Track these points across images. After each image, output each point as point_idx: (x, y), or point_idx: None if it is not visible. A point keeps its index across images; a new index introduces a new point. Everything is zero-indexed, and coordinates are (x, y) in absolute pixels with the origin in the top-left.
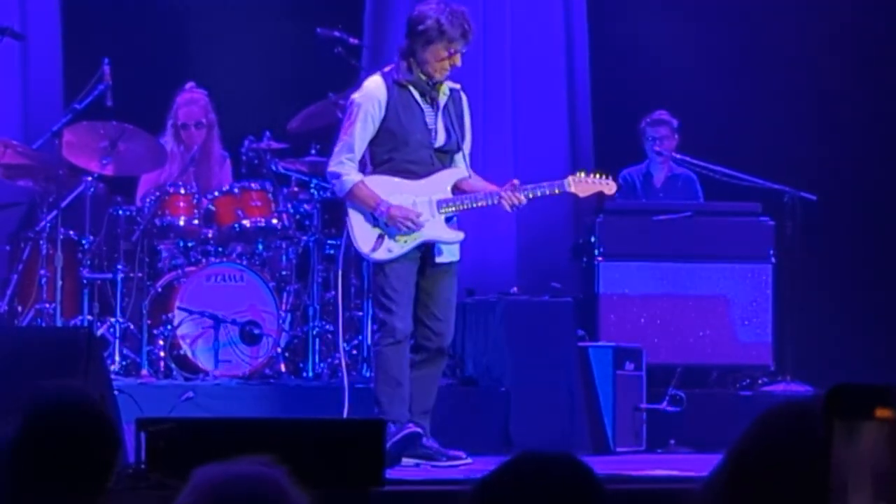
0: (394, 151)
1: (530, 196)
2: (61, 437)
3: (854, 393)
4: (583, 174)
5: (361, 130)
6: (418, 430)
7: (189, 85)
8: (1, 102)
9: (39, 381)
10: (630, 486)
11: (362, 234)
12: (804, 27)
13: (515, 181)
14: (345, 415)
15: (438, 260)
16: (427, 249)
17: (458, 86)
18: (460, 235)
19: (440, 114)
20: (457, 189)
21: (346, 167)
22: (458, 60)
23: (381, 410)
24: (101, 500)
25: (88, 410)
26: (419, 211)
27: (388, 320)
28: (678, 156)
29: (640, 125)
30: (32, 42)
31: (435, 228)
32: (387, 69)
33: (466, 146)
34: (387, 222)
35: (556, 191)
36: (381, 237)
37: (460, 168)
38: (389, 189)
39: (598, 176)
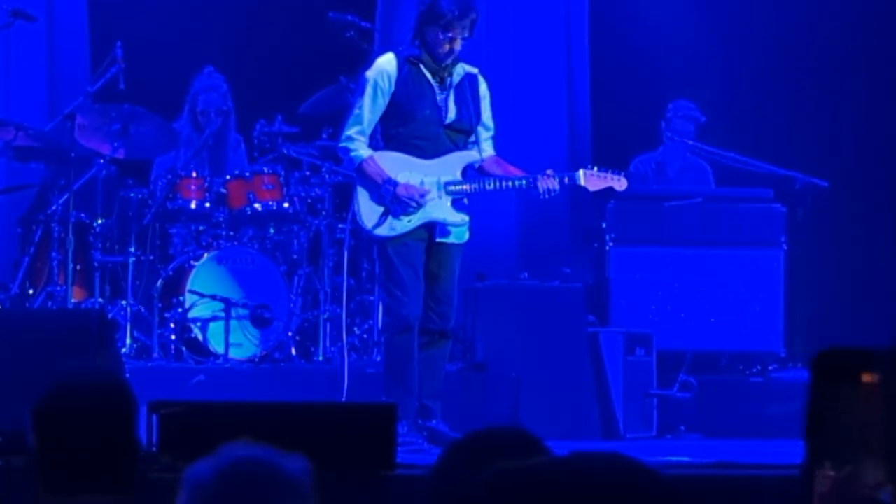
0: (400, 126)
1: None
2: (83, 413)
3: (840, 357)
4: (595, 169)
5: (371, 104)
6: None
7: (208, 69)
8: (27, 86)
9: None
10: None
11: (367, 209)
12: (814, 13)
13: (549, 171)
14: (344, 398)
15: (441, 240)
16: (432, 229)
17: (475, 70)
18: (465, 218)
19: (452, 92)
20: (482, 171)
21: (354, 143)
22: (457, 45)
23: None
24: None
25: (112, 387)
26: (426, 190)
27: (392, 307)
28: (691, 142)
29: (668, 113)
30: (58, 26)
31: (440, 209)
32: (400, 48)
33: (489, 130)
34: (392, 200)
35: (566, 180)
36: (385, 214)
37: (472, 152)
38: (399, 166)
39: (609, 172)
